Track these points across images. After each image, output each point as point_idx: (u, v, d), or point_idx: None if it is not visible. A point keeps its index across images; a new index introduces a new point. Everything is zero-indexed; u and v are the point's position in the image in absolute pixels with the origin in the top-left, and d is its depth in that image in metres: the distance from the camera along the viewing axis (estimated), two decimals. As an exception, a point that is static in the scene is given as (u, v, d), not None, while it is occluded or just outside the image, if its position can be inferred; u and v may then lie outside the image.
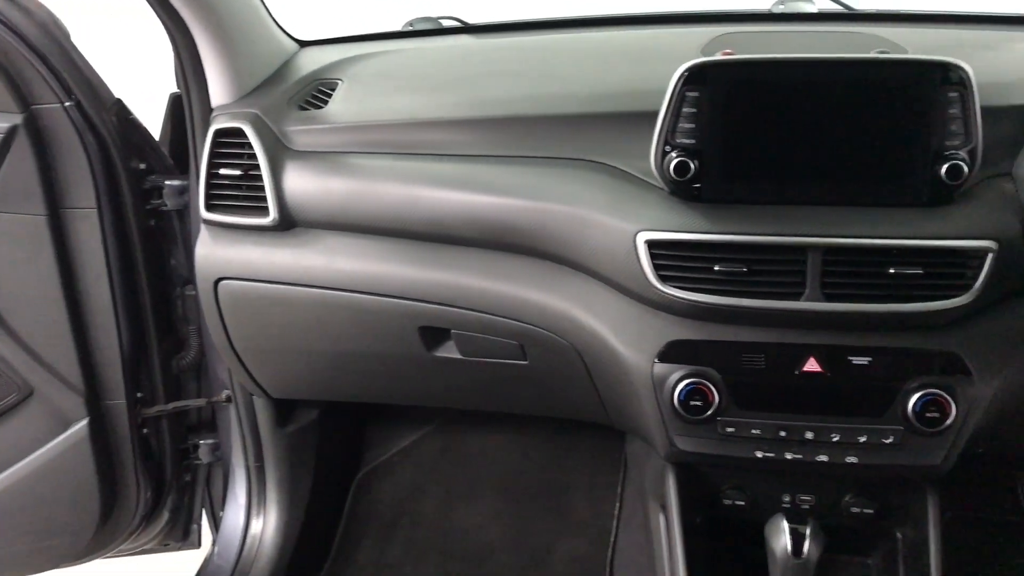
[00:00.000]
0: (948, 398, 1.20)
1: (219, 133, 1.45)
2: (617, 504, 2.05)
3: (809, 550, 1.17)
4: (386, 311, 1.44)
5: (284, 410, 1.84)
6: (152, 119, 1.69)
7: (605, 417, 1.55)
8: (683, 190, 1.23)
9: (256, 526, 1.88)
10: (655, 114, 1.22)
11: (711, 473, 1.41)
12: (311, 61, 1.68)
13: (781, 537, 1.18)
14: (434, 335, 1.47)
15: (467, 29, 1.87)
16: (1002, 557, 1.97)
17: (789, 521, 1.19)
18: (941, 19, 1.71)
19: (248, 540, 1.87)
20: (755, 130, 1.20)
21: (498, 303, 1.38)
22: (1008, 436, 1.41)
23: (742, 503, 1.40)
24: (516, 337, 1.41)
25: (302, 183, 1.42)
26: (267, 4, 1.62)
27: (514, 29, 1.85)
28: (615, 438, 2.10)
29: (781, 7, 1.73)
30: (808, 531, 1.17)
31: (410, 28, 1.89)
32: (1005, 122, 1.25)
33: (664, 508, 1.45)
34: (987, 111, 1.19)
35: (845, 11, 1.73)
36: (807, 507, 1.37)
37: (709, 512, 1.45)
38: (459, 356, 1.48)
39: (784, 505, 1.36)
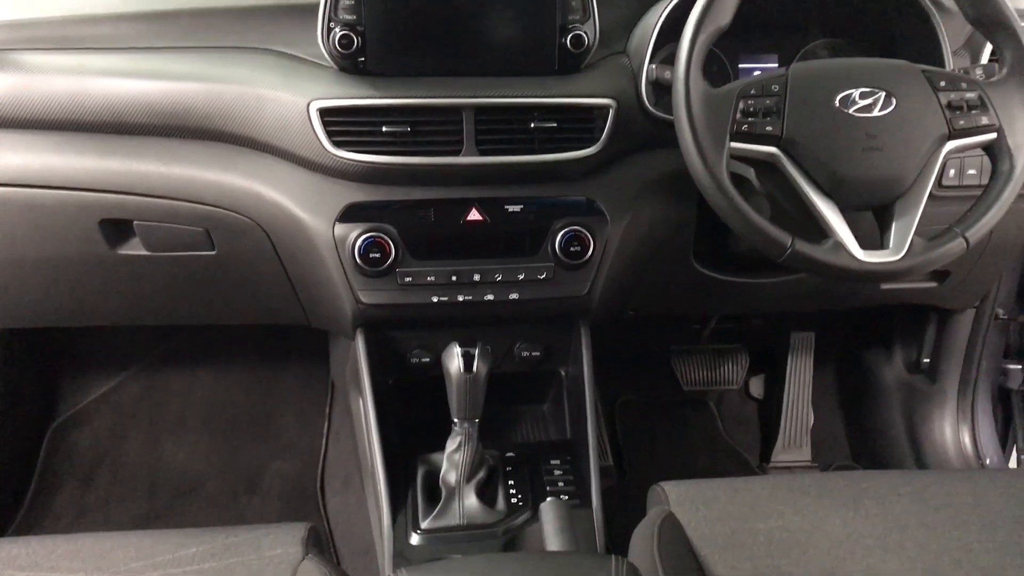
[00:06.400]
0: (587, 233, 1.41)
1: None
2: (326, 423, 2.12)
3: (478, 366, 1.32)
4: (63, 205, 1.42)
5: None
6: None
7: (301, 315, 1.62)
8: (350, 64, 1.34)
9: None
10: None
11: (397, 336, 1.53)
12: None
13: (455, 359, 1.33)
14: (117, 229, 1.47)
15: None
16: (668, 431, 2.27)
17: (461, 345, 1.34)
18: None
19: None
20: (408, 7, 1.34)
21: (180, 186, 1.41)
22: (644, 292, 1.66)
23: (427, 359, 1.54)
24: (202, 223, 1.45)
25: None
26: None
27: None
28: (320, 362, 2.17)
29: None
30: (476, 351, 1.33)
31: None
32: (620, 5, 1.48)
33: (359, 381, 1.55)
34: None
35: None
36: None
37: (399, 375, 1.57)
38: (145, 252, 1.49)
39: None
